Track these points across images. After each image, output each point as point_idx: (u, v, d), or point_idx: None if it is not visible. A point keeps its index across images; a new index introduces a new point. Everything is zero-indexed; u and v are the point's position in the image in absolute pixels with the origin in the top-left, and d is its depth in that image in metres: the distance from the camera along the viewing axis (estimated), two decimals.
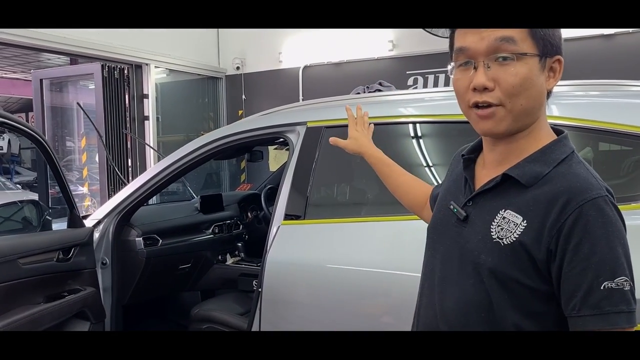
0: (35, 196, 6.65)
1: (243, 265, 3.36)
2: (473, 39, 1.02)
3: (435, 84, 5.30)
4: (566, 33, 1.14)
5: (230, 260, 3.45)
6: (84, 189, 6.24)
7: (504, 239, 1.02)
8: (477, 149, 1.19)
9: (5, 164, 15.02)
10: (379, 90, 3.01)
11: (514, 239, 1.01)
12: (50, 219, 2.63)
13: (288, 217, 2.33)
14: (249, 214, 3.81)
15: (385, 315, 2.10)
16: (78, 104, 4.97)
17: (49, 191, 5.29)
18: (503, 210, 1.04)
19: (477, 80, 1.02)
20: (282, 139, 2.64)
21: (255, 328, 2.33)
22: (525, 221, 1.01)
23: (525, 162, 1.05)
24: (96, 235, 2.72)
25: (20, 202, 2.60)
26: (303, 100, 6.16)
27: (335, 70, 6.03)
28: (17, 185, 11.93)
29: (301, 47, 6.27)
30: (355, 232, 2.24)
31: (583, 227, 0.96)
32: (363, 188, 2.55)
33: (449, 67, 1.11)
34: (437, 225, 1.19)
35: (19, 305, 2.12)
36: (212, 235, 3.36)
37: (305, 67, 6.26)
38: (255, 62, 6.58)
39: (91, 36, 5.09)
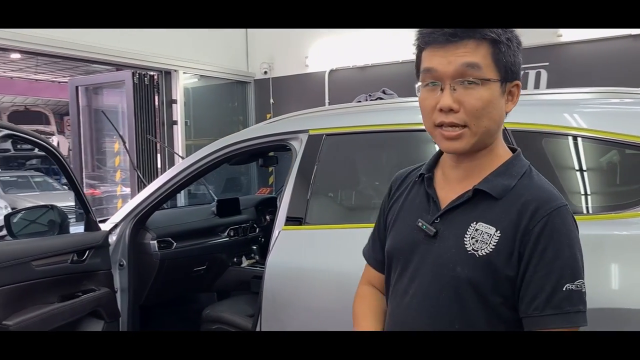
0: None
1: (257, 268, 3.44)
2: (441, 61, 1.09)
3: None
4: (593, 33, 1.22)
5: (245, 263, 3.54)
6: (117, 191, 6.49)
7: (479, 251, 1.08)
8: (433, 168, 1.24)
9: (54, 165, 15.66)
10: (380, 99, 3.05)
11: (490, 250, 1.08)
12: (68, 222, 2.75)
13: (289, 222, 2.40)
14: (266, 217, 3.90)
15: None
16: (103, 112, 5.19)
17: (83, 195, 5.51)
18: (475, 223, 1.11)
19: (444, 102, 1.09)
20: (286, 146, 2.71)
21: (257, 329, 2.40)
22: (498, 231, 1.08)
23: (492, 176, 1.14)
24: (113, 238, 2.85)
25: (40, 206, 2.74)
26: (329, 103, 6.23)
27: (361, 74, 6.08)
28: (64, 187, 12.47)
29: (327, 51, 6.34)
30: (353, 237, 2.28)
31: (549, 234, 1.05)
32: (362, 194, 2.60)
33: (416, 86, 1.17)
34: (401, 245, 1.22)
35: (32, 304, 2.26)
36: (227, 238, 3.46)
37: (331, 71, 6.34)
38: (282, 66, 6.69)
39: (123, 45, 5.30)
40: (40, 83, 21.69)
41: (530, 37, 4.91)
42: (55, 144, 14.44)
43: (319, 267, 2.26)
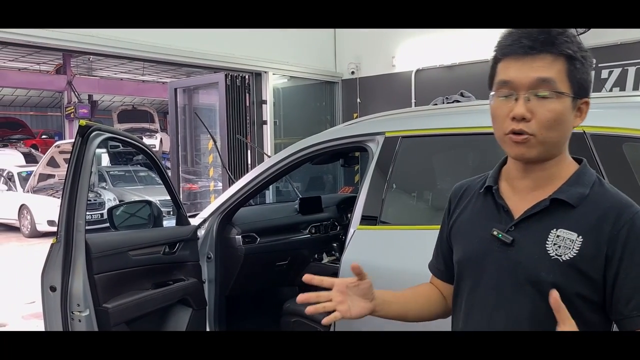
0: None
1: (337, 265, 3.54)
2: (517, 73, 1.14)
3: None
4: None
5: (326, 259, 3.64)
6: (210, 187, 6.85)
7: (563, 256, 1.13)
8: (497, 180, 1.28)
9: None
10: (457, 101, 3.03)
11: (574, 254, 1.12)
12: (162, 216, 2.99)
13: (364, 221, 2.47)
14: (347, 216, 3.98)
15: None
16: (195, 112, 5.49)
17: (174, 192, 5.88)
18: (555, 229, 1.15)
19: (517, 110, 1.13)
20: (363, 147, 2.78)
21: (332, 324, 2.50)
22: (580, 237, 1.12)
23: (566, 186, 1.18)
24: (202, 232, 3.06)
25: (138, 201, 3.00)
26: (415, 103, 6.22)
27: (448, 73, 6.02)
28: None
29: (414, 51, 6.34)
30: (427, 239, 2.31)
31: (636, 237, 1.10)
32: (437, 196, 2.62)
33: (490, 94, 1.23)
34: (473, 255, 1.26)
35: (130, 290, 2.49)
36: (309, 235, 3.58)
37: (418, 71, 6.32)
38: (369, 66, 6.75)
39: (217, 49, 5.62)
40: (146, 84, 23.17)
41: (629, 31, 4.72)
42: (158, 140, 15.28)
43: (392, 267, 2.31)
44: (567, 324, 1.02)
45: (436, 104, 3.02)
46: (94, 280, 2.26)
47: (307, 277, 1.30)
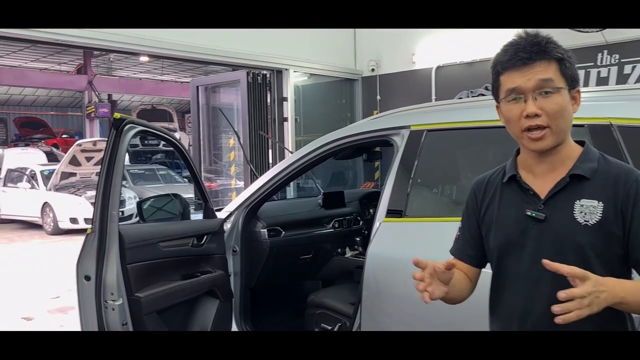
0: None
1: (360, 258, 3.57)
2: (521, 80, 1.36)
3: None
4: None
5: (349, 253, 3.67)
6: (231, 185, 6.91)
7: (590, 221, 1.34)
8: (516, 170, 1.47)
9: (176, 160, 16.82)
10: (482, 95, 3.04)
11: (599, 218, 1.33)
12: (189, 210, 3.05)
13: (389, 214, 2.50)
14: (370, 211, 4.01)
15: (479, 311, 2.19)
16: (220, 110, 5.55)
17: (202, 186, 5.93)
18: (578, 200, 1.36)
19: (530, 109, 1.35)
20: (388, 141, 2.81)
21: (357, 316, 2.53)
22: (601, 203, 1.34)
23: (579, 162, 1.40)
24: (228, 225, 3.11)
25: (166, 195, 3.06)
26: (435, 100, 6.22)
27: (468, 70, 6.01)
28: (185, 179, 13.38)
29: (434, 48, 6.34)
30: (452, 230, 2.33)
31: None
32: (462, 189, 2.63)
33: (496, 105, 1.48)
34: (512, 237, 1.44)
35: (160, 280, 2.55)
36: (332, 230, 3.61)
37: (438, 68, 6.33)
38: (389, 63, 6.77)
39: (238, 46, 5.67)
40: (165, 84, 23.36)
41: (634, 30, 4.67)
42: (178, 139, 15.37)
43: (420, 258, 2.34)
44: (578, 273, 1.18)
45: (461, 98, 3.03)
46: (126, 270, 2.32)
47: (415, 260, 1.40)
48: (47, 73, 20.64)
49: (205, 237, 2.84)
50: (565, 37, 1.28)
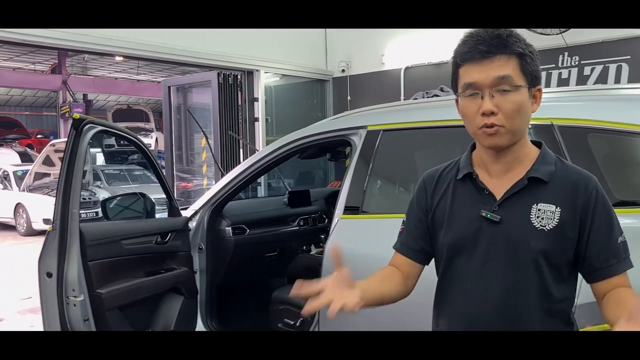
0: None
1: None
2: (479, 75, 1.30)
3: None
4: None
5: (314, 251, 3.75)
6: (203, 184, 6.95)
7: (547, 226, 1.31)
8: (471, 167, 1.43)
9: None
10: (437, 96, 3.15)
11: (556, 223, 1.31)
12: (154, 208, 3.09)
13: (347, 211, 2.58)
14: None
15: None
16: (188, 110, 5.60)
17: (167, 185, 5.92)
18: (535, 204, 1.33)
19: (486, 107, 1.29)
20: (347, 141, 2.89)
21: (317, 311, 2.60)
22: (558, 208, 1.32)
23: (537, 165, 1.36)
24: (194, 223, 3.16)
25: (133, 194, 3.10)
26: (404, 100, 6.33)
27: (436, 70, 6.14)
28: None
29: (402, 49, 6.46)
30: None
31: (601, 202, 1.33)
32: (416, 186, 2.72)
33: (455, 99, 1.41)
34: (464, 235, 1.39)
35: (123, 277, 2.60)
36: (297, 227, 3.69)
37: (407, 68, 6.45)
38: (359, 64, 6.88)
39: (210, 47, 5.72)
40: (141, 83, 23.21)
41: (610, 29, 4.85)
42: (154, 139, 15.31)
43: (373, 253, 2.41)
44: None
45: (416, 99, 3.13)
46: (88, 267, 2.37)
47: (296, 291, 1.31)
48: (20, 72, 20.39)
49: (169, 234, 2.89)
50: (528, 40, 1.33)
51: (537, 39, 4.88)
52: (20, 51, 17.76)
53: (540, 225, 1.31)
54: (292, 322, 3.05)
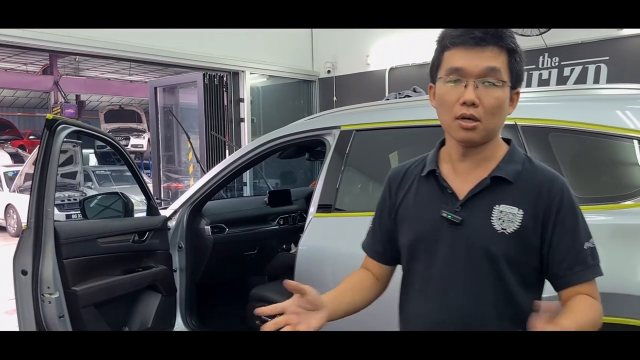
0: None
1: None
2: (468, 62, 1.22)
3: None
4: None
5: (294, 249, 3.79)
6: (190, 184, 6.98)
7: (508, 229, 1.23)
8: (437, 164, 1.35)
9: (145, 161, 16.75)
10: (409, 96, 3.21)
11: (517, 227, 1.23)
12: (133, 208, 3.13)
13: (320, 209, 2.63)
14: None
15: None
16: (170, 111, 5.63)
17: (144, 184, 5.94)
18: (497, 206, 1.25)
19: (468, 96, 1.21)
20: (322, 141, 2.94)
21: None
22: (521, 210, 1.24)
23: (503, 164, 1.28)
24: (173, 222, 3.20)
25: (114, 193, 3.14)
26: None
27: (420, 71, 6.20)
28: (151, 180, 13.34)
29: (387, 50, 6.53)
30: None
31: (567, 206, 1.25)
32: None
33: (434, 83, 1.32)
34: (424, 236, 1.32)
35: (99, 275, 2.64)
36: (277, 226, 3.74)
37: (392, 69, 6.51)
38: (345, 65, 6.94)
39: (196, 49, 5.76)
40: (133, 84, 23.16)
41: (590, 30, 4.93)
42: (146, 140, 15.25)
43: (345, 251, 2.46)
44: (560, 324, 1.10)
45: (388, 99, 3.19)
46: (63, 264, 2.41)
47: (258, 311, 1.31)
48: (12, 73, 20.33)
49: (147, 233, 2.93)
50: None
51: (517, 40, 4.94)
52: (12, 52, 17.73)
53: (501, 228, 1.23)
54: (270, 318, 3.09)
